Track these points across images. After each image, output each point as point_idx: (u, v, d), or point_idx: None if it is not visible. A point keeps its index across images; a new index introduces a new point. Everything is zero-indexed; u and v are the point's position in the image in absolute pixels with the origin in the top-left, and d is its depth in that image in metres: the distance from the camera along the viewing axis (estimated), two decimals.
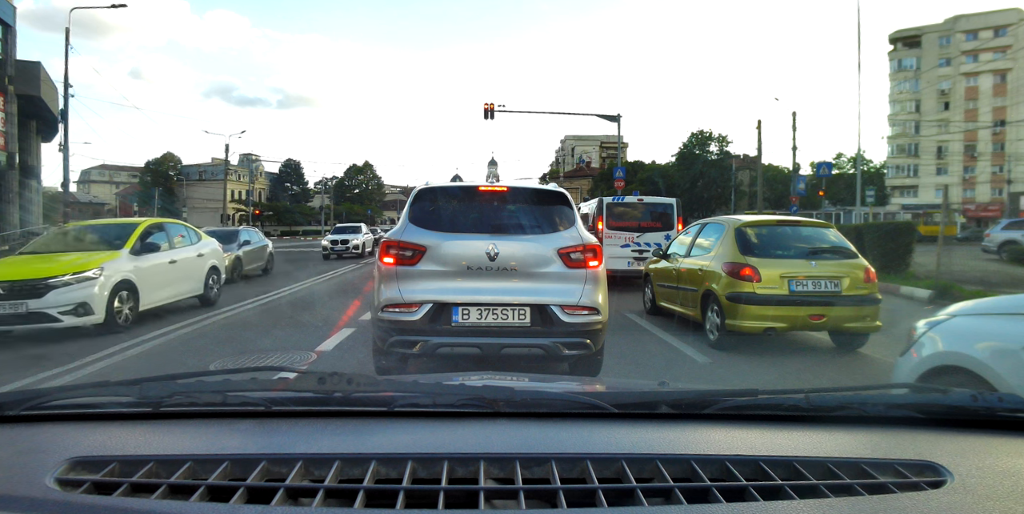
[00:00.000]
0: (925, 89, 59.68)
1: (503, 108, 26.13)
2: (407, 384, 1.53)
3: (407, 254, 4.58)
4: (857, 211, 29.61)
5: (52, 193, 29.73)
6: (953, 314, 2.86)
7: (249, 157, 73.94)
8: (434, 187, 5.04)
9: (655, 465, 0.99)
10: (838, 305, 6.31)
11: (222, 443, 1.11)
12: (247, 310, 9.68)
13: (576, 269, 4.60)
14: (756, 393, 1.26)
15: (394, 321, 4.47)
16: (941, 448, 1.09)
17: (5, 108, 20.48)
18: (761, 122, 30.84)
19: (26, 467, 0.97)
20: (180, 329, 7.79)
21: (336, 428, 1.17)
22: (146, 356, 6.29)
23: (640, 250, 12.52)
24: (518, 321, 4.47)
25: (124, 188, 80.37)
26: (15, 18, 21.78)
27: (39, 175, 26.72)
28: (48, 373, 5.51)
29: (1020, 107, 52.74)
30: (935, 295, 10.24)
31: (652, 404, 1.26)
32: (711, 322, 6.78)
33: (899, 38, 63.35)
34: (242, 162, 74.74)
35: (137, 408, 1.22)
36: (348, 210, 75.38)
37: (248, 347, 6.78)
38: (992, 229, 23.51)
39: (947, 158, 58.84)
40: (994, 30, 55.86)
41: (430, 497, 0.90)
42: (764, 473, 0.98)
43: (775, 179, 54.80)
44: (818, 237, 7.09)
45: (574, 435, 1.13)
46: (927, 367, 2.70)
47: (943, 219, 13.93)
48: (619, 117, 27.27)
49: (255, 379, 1.33)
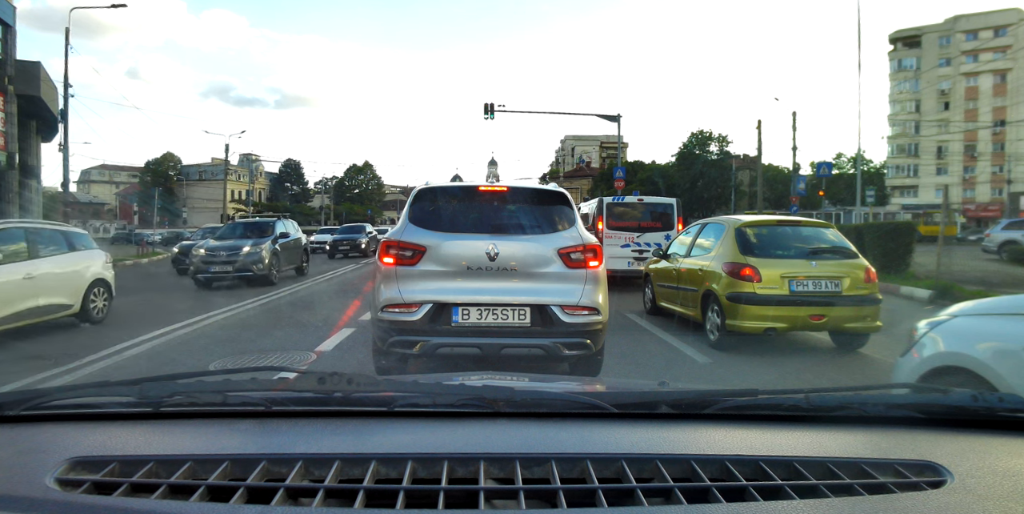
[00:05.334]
0: (925, 89, 59.68)
1: (503, 108, 26.14)
2: (407, 384, 1.53)
3: (407, 254, 4.57)
4: (857, 211, 29.61)
5: (52, 193, 29.70)
6: (954, 314, 2.86)
7: (249, 157, 73.92)
8: (434, 187, 5.04)
9: (655, 465, 0.99)
10: (838, 305, 6.31)
11: (222, 443, 1.11)
12: (246, 310, 9.68)
13: (576, 269, 4.59)
14: (756, 393, 1.26)
15: (394, 321, 4.47)
16: (941, 448, 1.09)
17: (5, 108, 20.47)
18: (761, 122, 30.87)
19: (26, 467, 0.97)
20: (180, 329, 7.79)
21: (336, 428, 1.17)
22: (146, 356, 6.29)
23: (640, 250, 12.52)
24: (518, 321, 4.46)
25: (124, 188, 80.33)
26: (15, 18, 21.77)
27: (39, 175, 26.70)
28: (48, 373, 5.50)
29: (1020, 107, 52.74)
30: (935, 295, 10.23)
31: (652, 404, 1.26)
32: (711, 322, 6.78)
33: (899, 38, 63.36)
34: (242, 162, 74.71)
35: (137, 408, 1.22)
36: (348, 210, 75.34)
37: (248, 347, 6.78)
38: (992, 229, 23.52)
39: (947, 158, 58.83)
40: (994, 30, 55.85)
41: (430, 497, 0.90)
42: (764, 473, 0.98)
43: (775, 179, 54.80)
44: (818, 237, 7.09)
45: (574, 435, 1.13)
46: (928, 367, 2.69)
47: (943, 219, 13.93)
48: (619, 117, 27.27)
49: (255, 379, 1.33)
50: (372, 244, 26.50)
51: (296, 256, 15.67)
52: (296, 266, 15.61)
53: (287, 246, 14.86)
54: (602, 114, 28.15)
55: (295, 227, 16.45)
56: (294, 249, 15.52)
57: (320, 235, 31.54)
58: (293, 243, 15.39)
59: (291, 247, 15.20)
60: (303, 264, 16.10)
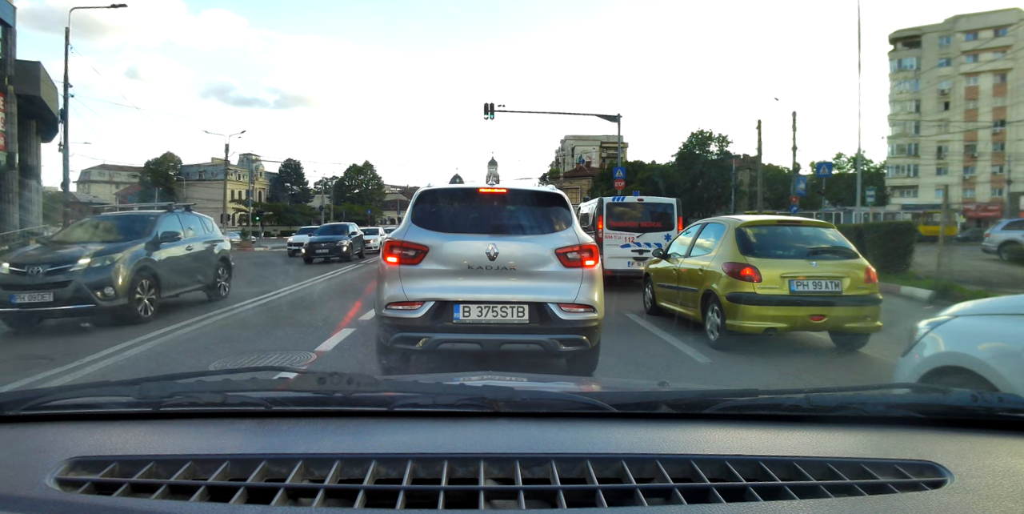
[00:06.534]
0: (925, 89, 59.68)
1: (503, 108, 26.17)
2: (407, 384, 1.53)
3: (410, 254, 4.74)
4: (857, 211, 29.60)
5: (52, 193, 29.70)
6: (954, 314, 2.86)
7: (249, 157, 73.88)
8: (436, 189, 5.25)
9: (655, 465, 0.99)
10: (839, 305, 6.31)
11: (222, 443, 1.11)
12: (249, 308, 9.68)
13: (573, 268, 4.75)
14: (756, 393, 1.26)
15: (397, 318, 4.63)
16: (941, 448, 1.09)
17: (5, 108, 20.48)
18: (761, 122, 30.89)
19: (26, 467, 0.97)
20: (180, 329, 7.79)
21: (336, 428, 1.17)
22: (146, 356, 6.29)
23: (640, 250, 12.52)
24: (517, 318, 4.62)
25: (124, 188, 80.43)
26: (15, 18, 21.77)
27: (39, 175, 26.72)
28: (48, 373, 5.51)
29: (1020, 107, 52.72)
30: (935, 295, 10.24)
31: (652, 404, 1.26)
32: (711, 322, 6.78)
33: (899, 38, 63.36)
34: (242, 162, 74.74)
35: (137, 408, 1.22)
36: (348, 210, 75.42)
37: (248, 347, 6.78)
38: (992, 229, 23.53)
39: (947, 158, 58.83)
40: (994, 30, 55.84)
41: (430, 497, 0.90)
42: (764, 473, 0.98)
43: (775, 179, 54.82)
44: (818, 237, 7.08)
45: (574, 435, 1.13)
46: (929, 367, 2.69)
47: (943, 219, 13.97)
48: (619, 117, 27.30)
49: (255, 379, 1.33)
50: (357, 246, 24.03)
51: (205, 269, 10.33)
52: (206, 285, 10.37)
53: (180, 255, 9.54)
54: (602, 114, 28.18)
55: (207, 225, 11.09)
56: (199, 259, 10.18)
57: (299, 236, 28.08)
58: (198, 250, 10.16)
59: (192, 256, 9.94)
60: (219, 282, 10.74)
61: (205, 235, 10.76)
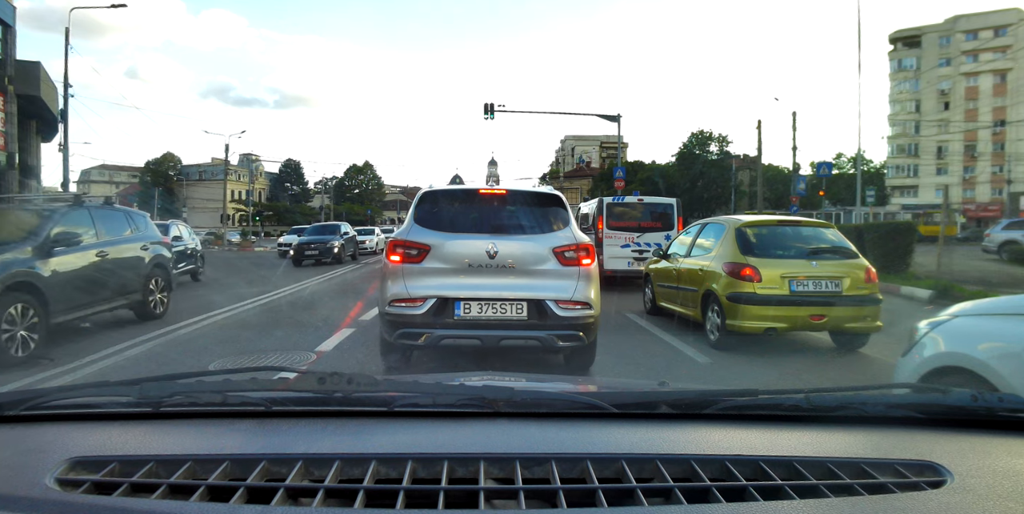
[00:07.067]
0: (925, 89, 59.69)
1: (503, 108, 26.15)
2: (407, 384, 1.53)
3: (413, 252, 4.88)
4: (857, 211, 29.61)
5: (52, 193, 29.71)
6: (955, 314, 2.86)
7: (249, 157, 73.92)
8: (437, 190, 5.38)
9: (655, 465, 0.99)
10: (839, 305, 6.31)
11: (222, 443, 1.11)
12: (247, 309, 9.67)
13: (570, 267, 4.88)
14: (756, 393, 1.26)
15: (400, 315, 4.78)
16: (941, 448, 1.09)
17: (5, 108, 20.48)
18: (761, 122, 30.86)
19: (26, 467, 0.97)
20: (180, 329, 7.79)
21: (336, 428, 1.17)
22: (146, 356, 6.29)
23: (640, 250, 12.51)
24: (516, 315, 4.75)
25: (124, 188, 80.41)
26: (15, 18, 21.77)
27: (39, 175, 26.68)
28: (48, 373, 5.51)
29: (1020, 107, 52.72)
30: (935, 295, 10.24)
31: (652, 404, 1.26)
32: (711, 322, 6.78)
33: (899, 38, 63.36)
34: (242, 162, 74.76)
35: (137, 408, 1.22)
36: (348, 210, 75.41)
37: (248, 347, 6.78)
38: (992, 229, 23.53)
39: (947, 158, 58.83)
40: (994, 30, 55.84)
41: (430, 497, 0.90)
42: (764, 473, 0.98)
43: (775, 179, 54.84)
44: (818, 237, 7.08)
45: (574, 435, 1.13)
46: (929, 368, 2.69)
47: (943, 219, 13.96)
48: (619, 117, 27.28)
49: (255, 379, 1.33)
50: (349, 247, 22.70)
51: (129, 281, 7.85)
52: (133, 301, 8.01)
53: (85, 264, 7.04)
54: (602, 114, 28.16)
55: (136, 222, 8.56)
56: (122, 268, 7.71)
57: (289, 236, 26.75)
58: (118, 256, 7.71)
59: (109, 264, 7.44)
60: (150, 297, 8.32)
61: (132, 236, 8.24)
